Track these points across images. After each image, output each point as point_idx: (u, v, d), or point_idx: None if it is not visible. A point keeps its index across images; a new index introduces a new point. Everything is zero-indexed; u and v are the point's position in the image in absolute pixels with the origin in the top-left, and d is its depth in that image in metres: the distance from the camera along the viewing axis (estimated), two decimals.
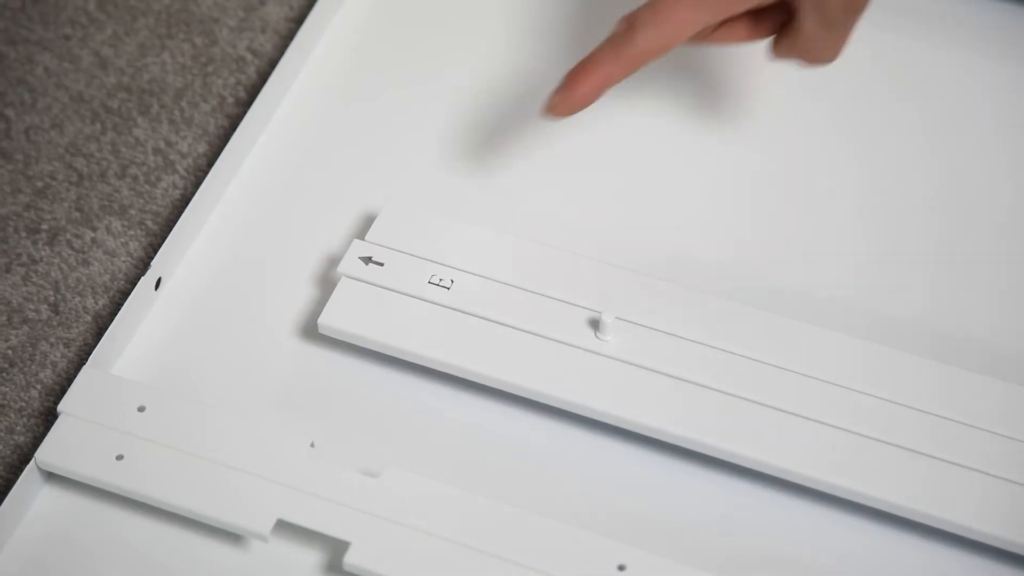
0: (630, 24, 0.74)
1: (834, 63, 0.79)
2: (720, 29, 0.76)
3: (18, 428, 0.77)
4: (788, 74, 0.88)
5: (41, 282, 0.81)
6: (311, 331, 0.79)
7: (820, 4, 0.73)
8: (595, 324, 0.77)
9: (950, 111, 0.89)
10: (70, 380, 0.78)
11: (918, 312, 0.81)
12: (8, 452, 0.76)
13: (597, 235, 0.83)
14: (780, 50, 0.77)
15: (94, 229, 0.83)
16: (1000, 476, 0.74)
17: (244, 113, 0.86)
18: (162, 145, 0.86)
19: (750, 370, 0.76)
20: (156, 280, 0.80)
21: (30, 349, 0.79)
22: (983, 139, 0.88)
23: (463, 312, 0.77)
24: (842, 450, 0.74)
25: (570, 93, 0.74)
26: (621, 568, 0.71)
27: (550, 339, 0.77)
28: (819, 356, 0.77)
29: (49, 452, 0.74)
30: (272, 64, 0.89)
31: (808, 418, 0.75)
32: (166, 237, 0.81)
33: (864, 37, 0.91)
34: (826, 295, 0.81)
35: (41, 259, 0.82)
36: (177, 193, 0.84)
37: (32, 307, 0.80)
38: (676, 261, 0.82)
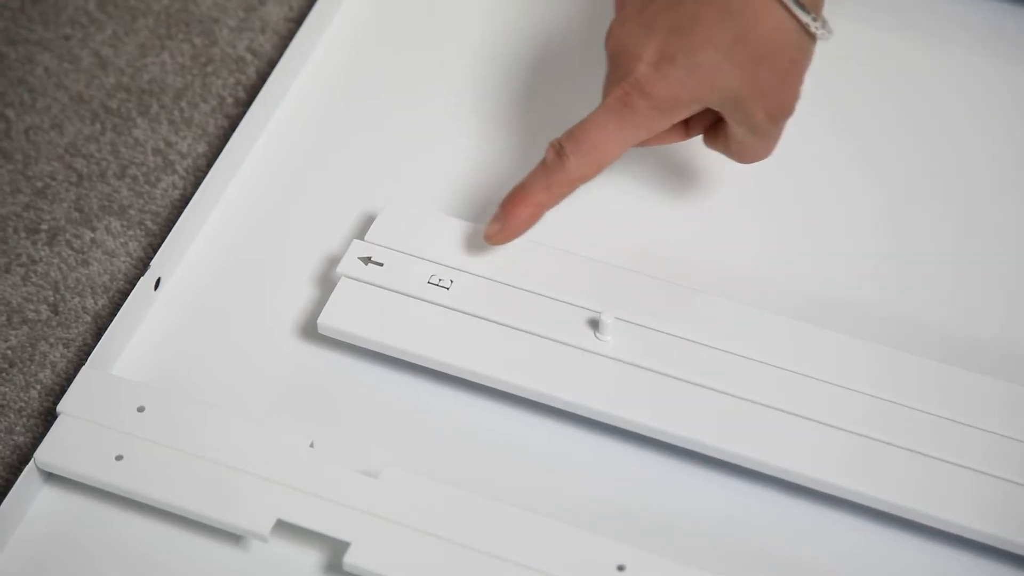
0: (558, 153, 0.75)
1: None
2: (652, 138, 0.77)
3: (18, 428, 0.77)
4: None
5: (40, 282, 0.81)
6: (311, 331, 0.79)
7: (746, 118, 0.74)
8: (595, 324, 0.77)
9: (953, 113, 0.88)
10: (70, 380, 0.78)
11: (921, 312, 0.81)
12: (8, 452, 0.76)
13: (597, 235, 0.83)
14: (712, 146, 0.78)
15: (93, 229, 0.83)
16: (1000, 476, 0.74)
17: (244, 113, 0.86)
18: (162, 145, 0.86)
19: (749, 370, 0.76)
20: (156, 280, 0.80)
21: (29, 349, 0.79)
22: (985, 140, 0.87)
23: (462, 312, 0.77)
24: (842, 450, 0.74)
25: (506, 223, 0.77)
26: (620, 568, 0.71)
27: (550, 339, 0.77)
28: (818, 356, 0.77)
29: (48, 452, 0.74)
30: (272, 64, 0.89)
31: (808, 418, 0.75)
32: (165, 237, 0.81)
33: (864, 37, 0.91)
34: (826, 295, 0.81)
35: (40, 259, 0.82)
36: (177, 193, 0.84)
37: (32, 307, 0.80)
38: (675, 261, 0.82)
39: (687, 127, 0.78)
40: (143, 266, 0.82)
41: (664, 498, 0.75)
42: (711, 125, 0.78)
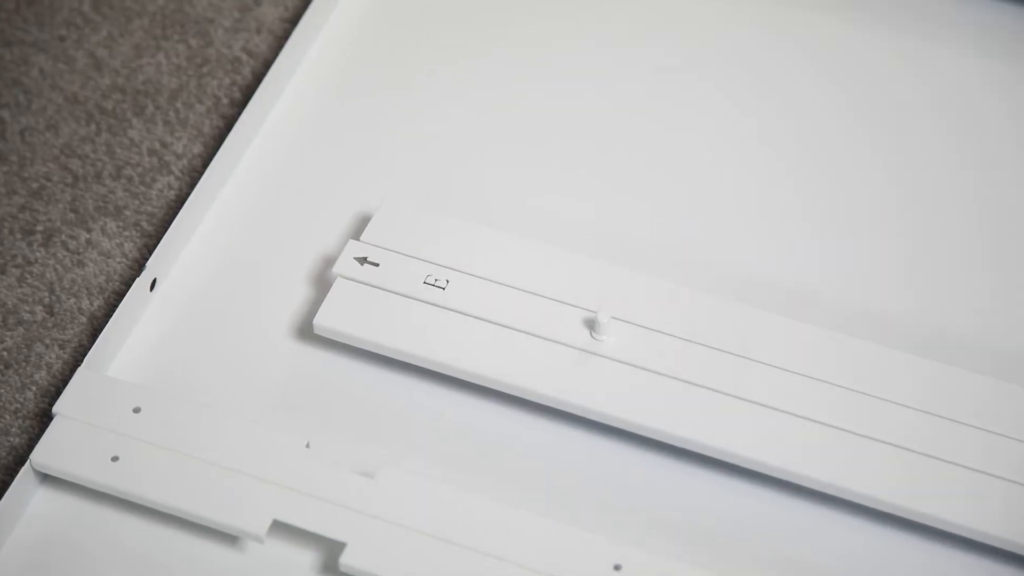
0: None
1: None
2: None
3: (13, 430, 0.76)
4: (797, 75, 0.88)
5: (36, 283, 0.81)
6: (306, 332, 0.79)
7: None
8: (591, 324, 0.77)
9: (959, 115, 0.88)
10: (65, 381, 0.78)
11: (935, 317, 0.81)
12: (3, 454, 0.76)
13: (593, 234, 0.83)
14: None
15: (89, 230, 0.83)
16: (1000, 476, 0.73)
17: (239, 114, 0.86)
18: (157, 146, 0.86)
19: (747, 370, 0.76)
20: (151, 281, 0.80)
21: (25, 350, 0.79)
22: (992, 142, 0.87)
23: (458, 312, 0.77)
24: (842, 451, 0.74)
25: None
26: (617, 568, 0.71)
27: (545, 339, 0.76)
28: (818, 356, 0.76)
29: (44, 454, 0.73)
30: (267, 64, 0.89)
31: (807, 418, 0.75)
32: (161, 238, 0.81)
33: (868, 38, 0.91)
34: (826, 294, 0.81)
35: (36, 260, 0.82)
36: (172, 194, 0.84)
37: (27, 308, 0.80)
38: (671, 260, 0.82)
39: None
40: (139, 267, 0.82)
41: (660, 498, 0.75)
42: None
